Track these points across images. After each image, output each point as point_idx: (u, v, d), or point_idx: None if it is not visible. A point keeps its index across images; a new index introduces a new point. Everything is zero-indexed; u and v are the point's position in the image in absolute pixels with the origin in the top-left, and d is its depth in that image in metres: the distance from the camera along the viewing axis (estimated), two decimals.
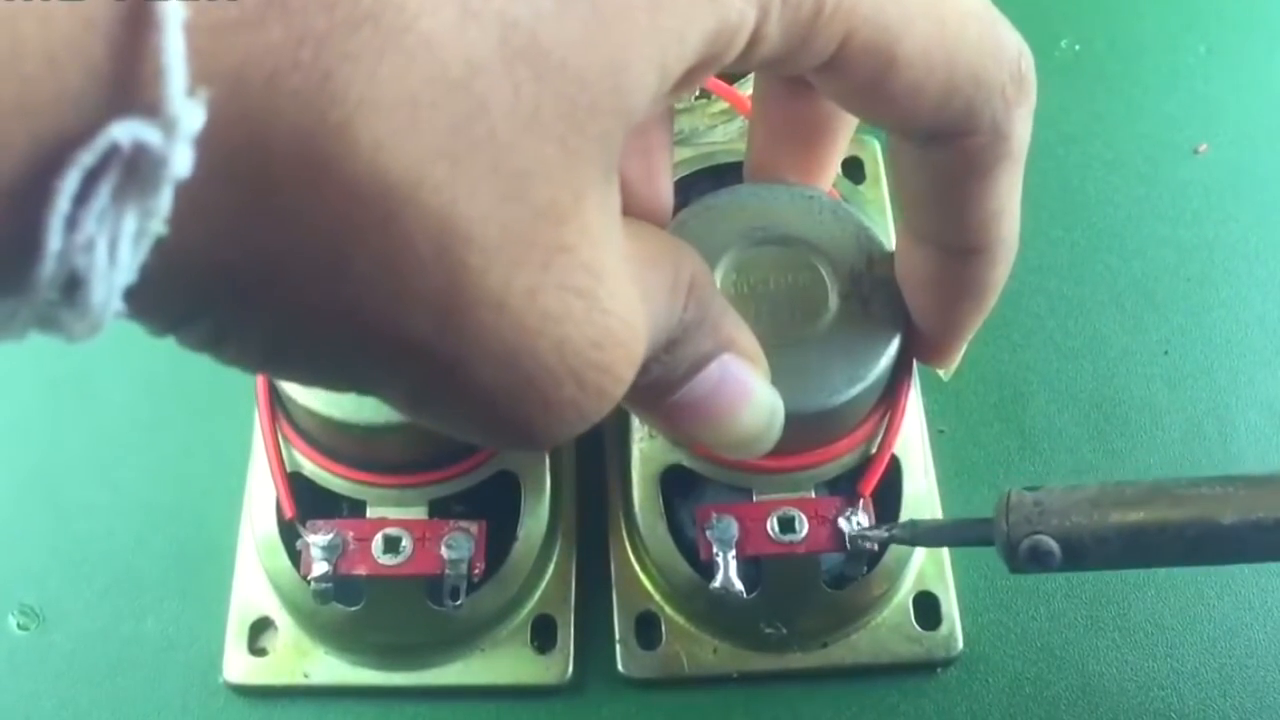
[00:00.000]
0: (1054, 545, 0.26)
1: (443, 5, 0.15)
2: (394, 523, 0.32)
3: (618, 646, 0.35)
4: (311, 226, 0.15)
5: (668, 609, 0.35)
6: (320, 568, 0.32)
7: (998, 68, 0.21)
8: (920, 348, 0.31)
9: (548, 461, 0.36)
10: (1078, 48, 0.47)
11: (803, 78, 0.22)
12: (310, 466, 0.34)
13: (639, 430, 0.35)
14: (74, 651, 0.36)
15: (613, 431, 0.37)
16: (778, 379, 0.25)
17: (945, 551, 0.36)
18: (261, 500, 0.34)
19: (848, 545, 0.32)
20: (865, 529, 0.32)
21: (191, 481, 0.38)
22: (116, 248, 0.14)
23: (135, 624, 0.36)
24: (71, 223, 0.14)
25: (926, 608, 0.36)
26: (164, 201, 0.14)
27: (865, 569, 0.34)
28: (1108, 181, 0.44)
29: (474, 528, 0.33)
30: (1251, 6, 0.49)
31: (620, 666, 0.35)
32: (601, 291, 0.18)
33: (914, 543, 0.33)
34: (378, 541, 0.32)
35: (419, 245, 0.16)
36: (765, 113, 0.29)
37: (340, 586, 0.32)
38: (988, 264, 0.26)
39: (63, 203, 0.14)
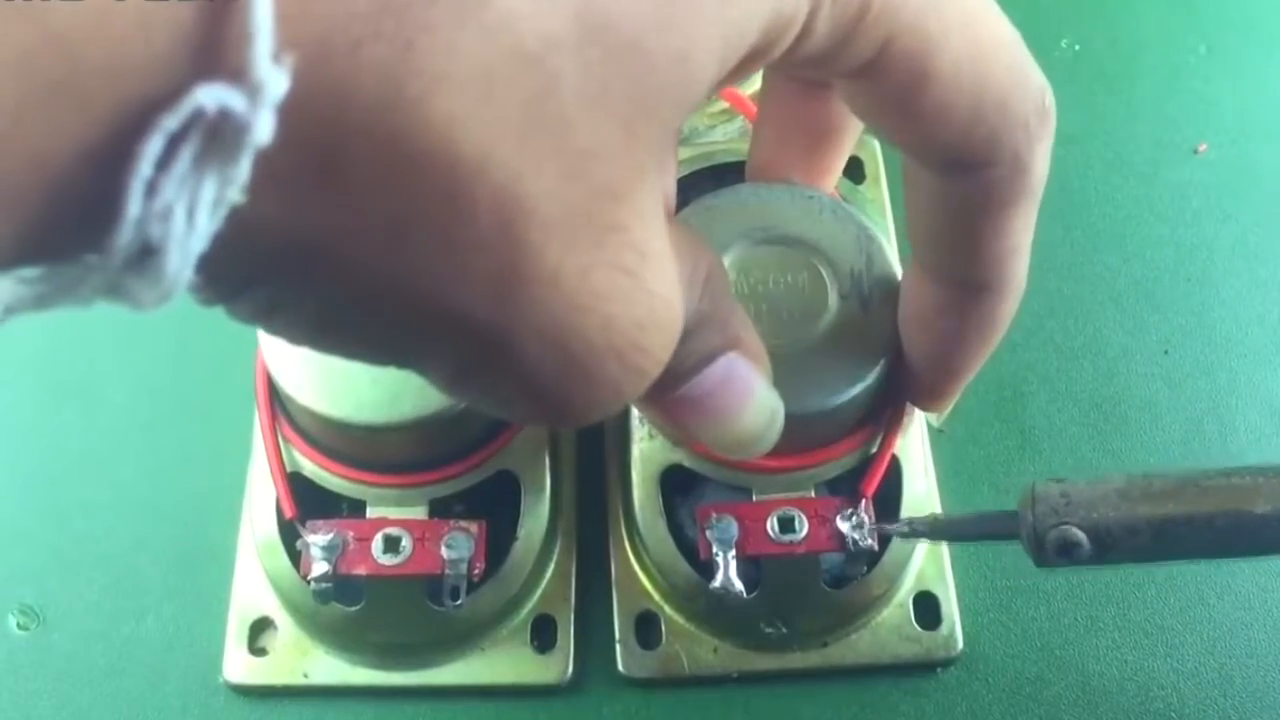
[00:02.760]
0: (1082, 536, 0.26)
1: None
2: (394, 523, 0.32)
3: (618, 646, 0.35)
4: (378, 197, 0.15)
5: (668, 609, 0.35)
6: (320, 568, 0.32)
7: (1024, 98, 0.22)
8: (916, 390, 0.31)
9: (548, 461, 0.36)
10: (1078, 48, 0.47)
11: (815, 80, 0.22)
12: (310, 466, 0.34)
13: (639, 430, 0.35)
14: (74, 651, 0.36)
15: (613, 431, 0.37)
16: (778, 379, 0.25)
17: (945, 551, 0.36)
18: (261, 500, 0.34)
19: (859, 540, 0.32)
20: (885, 524, 0.32)
21: (191, 481, 0.38)
22: (194, 215, 0.14)
23: (135, 624, 0.36)
24: (151, 188, 0.14)
25: (926, 608, 0.36)
26: (243, 169, 0.14)
27: (865, 569, 0.34)
28: (1108, 181, 0.44)
29: (474, 528, 0.33)
30: (1251, 6, 0.49)
31: (620, 666, 0.35)
32: (648, 272, 0.18)
33: (935, 537, 0.32)
34: (378, 541, 0.32)
35: (481, 219, 0.16)
36: (773, 114, 0.29)
37: (340, 586, 0.32)
38: (997, 301, 0.26)
39: (145, 167, 0.13)
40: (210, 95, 0.13)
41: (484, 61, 0.15)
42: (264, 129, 0.13)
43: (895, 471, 0.35)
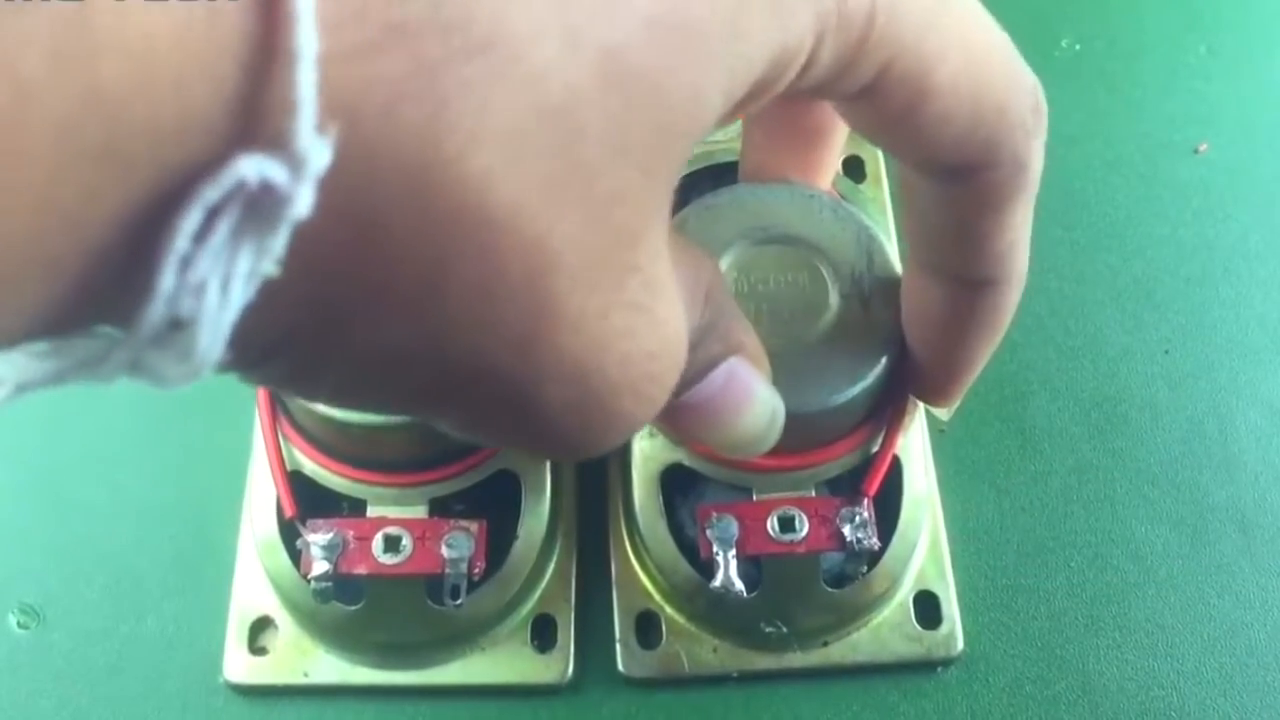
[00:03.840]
0: None
1: (548, 33, 0.15)
2: (394, 522, 0.32)
3: (618, 646, 0.35)
4: (411, 257, 0.15)
5: (668, 608, 0.35)
6: (320, 567, 0.32)
7: (1019, 99, 0.22)
8: (922, 387, 0.31)
9: (548, 461, 0.36)
10: (1078, 48, 0.47)
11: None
12: (310, 466, 0.34)
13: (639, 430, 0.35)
14: (74, 651, 0.36)
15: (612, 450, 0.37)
16: (778, 379, 0.25)
17: (945, 551, 0.36)
18: (261, 500, 0.34)
19: (860, 540, 0.32)
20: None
21: (191, 481, 0.38)
22: (228, 290, 0.13)
23: (135, 624, 0.36)
24: (185, 262, 0.13)
25: (927, 607, 0.36)
26: (281, 241, 0.13)
27: (865, 568, 0.34)
28: (1108, 181, 0.44)
29: (474, 527, 0.33)
30: (1251, 6, 0.49)
31: (620, 666, 0.35)
32: (659, 305, 0.18)
33: None
34: (378, 541, 0.32)
35: (512, 272, 0.16)
36: (760, 116, 0.29)
37: (340, 586, 0.32)
38: (1001, 294, 0.26)
39: (182, 241, 0.13)
40: (252, 166, 0.13)
41: (515, 117, 0.15)
42: (305, 202, 0.13)
43: (895, 471, 0.35)
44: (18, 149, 0.12)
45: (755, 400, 0.24)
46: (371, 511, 0.33)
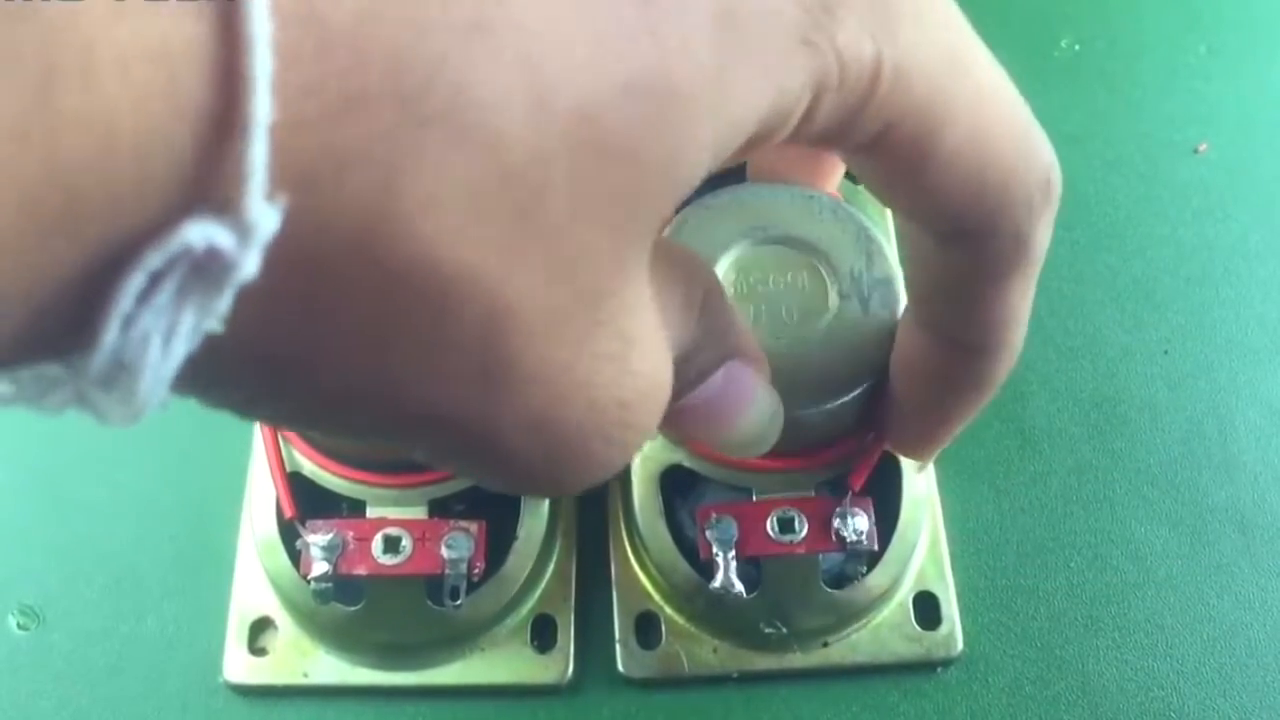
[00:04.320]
0: None
1: (514, 98, 0.15)
2: (394, 522, 0.32)
3: (618, 646, 0.35)
4: (359, 314, 0.15)
5: (668, 609, 0.35)
6: (320, 567, 0.32)
7: (1027, 177, 0.21)
8: (901, 439, 0.31)
9: None
10: (1078, 48, 0.47)
11: None
12: (310, 466, 0.34)
13: None
14: (74, 651, 0.36)
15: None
16: (777, 379, 0.25)
17: (945, 551, 0.36)
18: (261, 500, 0.34)
19: (858, 540, 0.32)
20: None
21: (191, 481, 0.38)
22: (170, 343, 0.14)
23: (135, 624, 0.36)
24: (129, 320, 0.13)
25: (926, 608, 0.36)
26: (225, 302, 0.14)
27: (865, 569, 0.34)
28: (1108, 181, 0.44)
29: (474, 528, 0.33)
30: (1251, 6, 0.49)
31: (620, 666, 0.35)
32: (633, 355, 0.18)
33: None
34: (378, 541, 0.32)
35: (465, 325, 0.16)
36: None
37: (340, 586, 0.32)
38: (990, 364, 0.26)
39: (126, 302, 0.13)
40: (199, 232, 0.13)
41: (473, 181, 0.15)
42: (251, 266, 0.13)
43: (895, 471, 0.35)
44: None
45: (754, 401, 0.24)
46: (371, 512, 0.33)
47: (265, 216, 0.13)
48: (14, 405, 0.15)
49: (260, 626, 0.35)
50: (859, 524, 0.32)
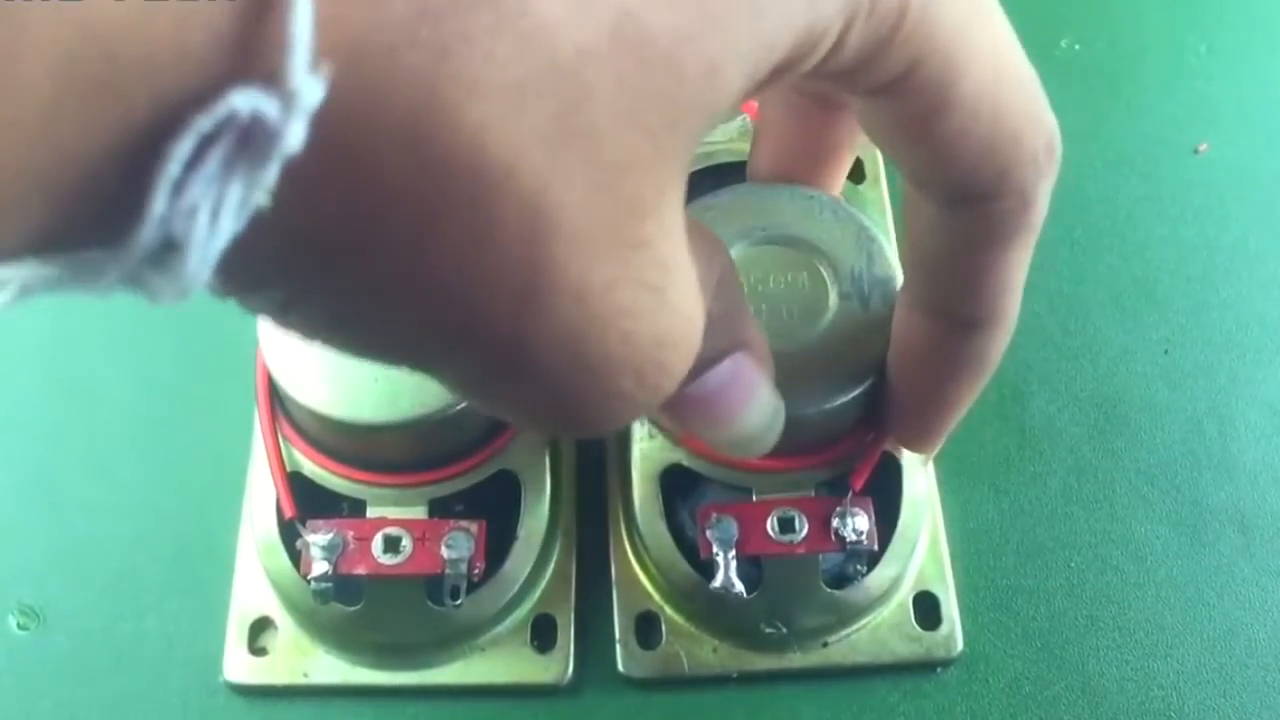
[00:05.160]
0: None
1: None
2: (394, 522, 0.32)
3: (618, 646, 0.35)
4: (403, 201, 0.15)
5: (668, 609, 0.35)
6: (320, 567, 0.32)
7: (1036, 134, 0.22)
8: (903, 431, 0.31)
9: (548, 461, 0.36)
10: (1078, 48, 0.47)
11: (823, 94, 0.22)
12: (310, 466, 0.34)
13: (639, 430, 0.35)
14: (74, 651, 0.36)
15: (613, 431, 0.37)
16: (778, 379, 0.25)
17: (945, 551, 0.36)
18: (261, 500, 0.34)
19: (859, 540, 0.32)
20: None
21: (191, 481, 0.38)
22: (218, 216, 0.14)
23: (135, 624, 0.36)
24: (178, 188, 0.13)
25: (926, 608, 0.36)
26: (271, 174, 0.14)
27: (865, 569, 0.34)
28: (1108, 181, 0.44)
29: (474, 527, 0.33)
30: (1251, 6, 0.49)
31: (620, 666, 0.35)
32: (671, 289, 0.18)
33: None
34: (378, 541, 0.32)
35: (506, 228, 0.16)
36: (773, 129, 0.29)
37: (340, 586, 0.32)
38: (990, 338, 0.26)
39: (174, 167, 0.13)
40: (245, 99, 0.13)
41: (519, 71, 0.15)
42: (295, 137, 0.13)
43: (895, 471, 0.35)
44: (13, 82, 0.12)
45: (757, 399, 0.24)
46: (371, 512, 0.33)
47: (309, 86, 0.13)
48: (65, 289, 0.15)
49: (260, 626, 0.35)
50: (859, 524, 0.32)
